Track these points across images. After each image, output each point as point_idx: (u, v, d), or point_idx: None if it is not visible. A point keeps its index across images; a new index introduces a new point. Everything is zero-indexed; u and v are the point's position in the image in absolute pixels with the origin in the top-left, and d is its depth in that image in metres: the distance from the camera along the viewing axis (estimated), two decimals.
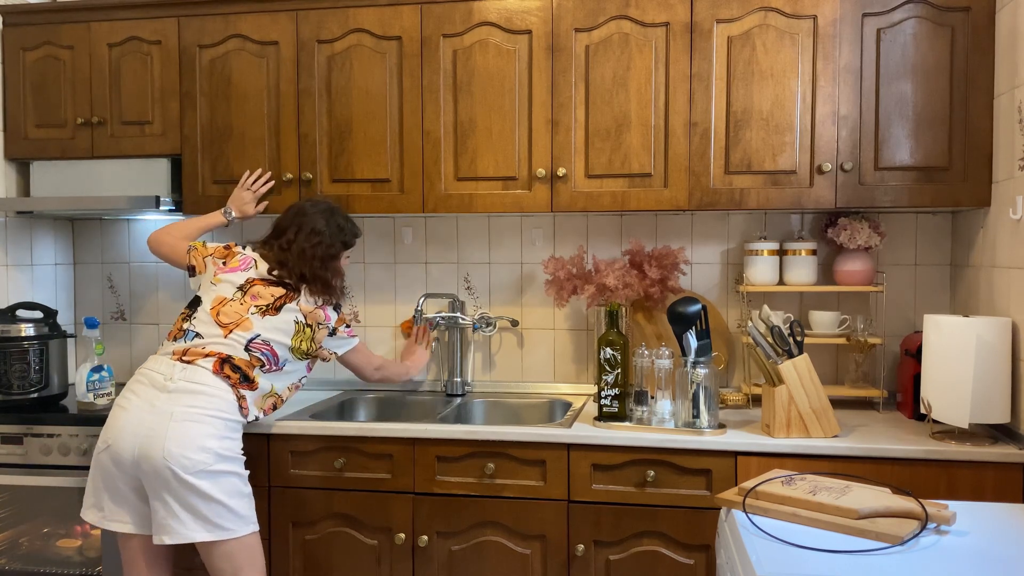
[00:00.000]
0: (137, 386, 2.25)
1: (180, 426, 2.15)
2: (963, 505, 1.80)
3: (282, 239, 2.43)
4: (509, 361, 3.01)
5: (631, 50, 2.52)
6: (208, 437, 2.16)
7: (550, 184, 2.58)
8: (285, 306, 2.36)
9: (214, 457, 2.15)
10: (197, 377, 2.22)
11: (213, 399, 2.21)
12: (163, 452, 2.11)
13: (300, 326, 2.37)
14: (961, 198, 2.40)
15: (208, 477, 2.13)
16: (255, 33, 2.73)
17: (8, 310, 2.80)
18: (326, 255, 2.43)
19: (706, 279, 2.88)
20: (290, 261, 2.39)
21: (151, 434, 2.14)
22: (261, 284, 2.38)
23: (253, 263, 2.43)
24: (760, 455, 2.23)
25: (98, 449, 2.23)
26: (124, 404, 2.23)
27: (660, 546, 2.30)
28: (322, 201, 2.54)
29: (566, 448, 2.34)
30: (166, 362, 2.27)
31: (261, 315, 2.33)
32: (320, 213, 2.47)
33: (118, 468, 2.18)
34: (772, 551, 1.53)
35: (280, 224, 2.48)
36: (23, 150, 2.91)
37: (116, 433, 2.18)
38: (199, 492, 2.12)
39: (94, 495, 2.25)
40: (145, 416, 2.17)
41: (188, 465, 2.11)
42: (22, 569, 2.69)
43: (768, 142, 2.46)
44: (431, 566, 2.42)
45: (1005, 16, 2.29)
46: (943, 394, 2.21)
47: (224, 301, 2.35)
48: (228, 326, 2.31)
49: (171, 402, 2.18)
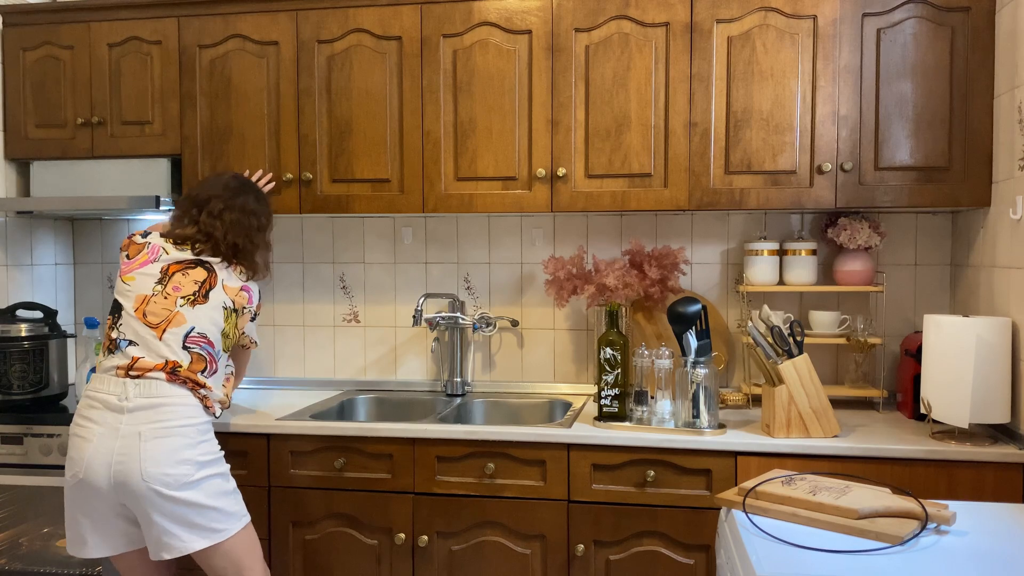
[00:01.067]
0: (91, 412, 2.12)
1: (151, 444, 2.06)
2: (963, 505, 1.80)
3: (209, 207, 2.29)
4: (509, 361, 3.01)
5: (631, 50, 2.52)
6: (183, 449, 2.09)
7: (550, 184, 2.58)
8: (211, 291, 2.23)
9: (194, 467, 2.09)
10: (152, 390, 2.12)
11: (177, 408, 2.12)
12: (141, 474, 2.04)
13: (228, 312, 2.25)
14: (961, 198, 2.40)
15: (192, 487, 2.08)
16: (255, 33, 2.73)
17: (8, 310, 2.80)
18: (260, 225, 2.35)
19: (706, 279, 2.88)
20: (219, 231, 2.26)
21: (124, 459, 2.05)
22: (179, 271, 2.23)
23: (161, 250, 2.27)
24: (760, 455, 2.23)
25: (68, 483, 2.13)
26: (83, 434, 2.11)
27: (660, 546, 2.30)
28: (239, 175, 2.49)
29: (566, 448, 2.34)
30: (114, 381, 2.13)
31: (191, 305, 2.19)
32: (248, 188, 2.39)
33: (97, 497, 2.09)
34: (772, 551, 1.53)
35: (199, 195, 2.33)
36: (23, 150, 2.91)
37: (85, 465, 2.08)
38: (187, 503, 2.07)
39: (73, 529, 2.16)
40: (111, 443, 2.07)
41: (170, 482, 2.05)
42: (22, 569, 2.69)
43: (768, 142, 2.46)
44: (431, 566, 2.42)
45: (1005, 16, 2.29)
46: (943, 394, 2.21)
47: (146, 299, 2.19)
48: (159, 325, 2.16)
49: (134, 422, 2.08)
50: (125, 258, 2.29)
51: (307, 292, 3.12)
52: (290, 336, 3.13)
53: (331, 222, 3.09)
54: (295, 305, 3.13)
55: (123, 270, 2.26)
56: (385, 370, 3.04)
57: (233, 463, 2.49)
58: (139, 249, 2.28)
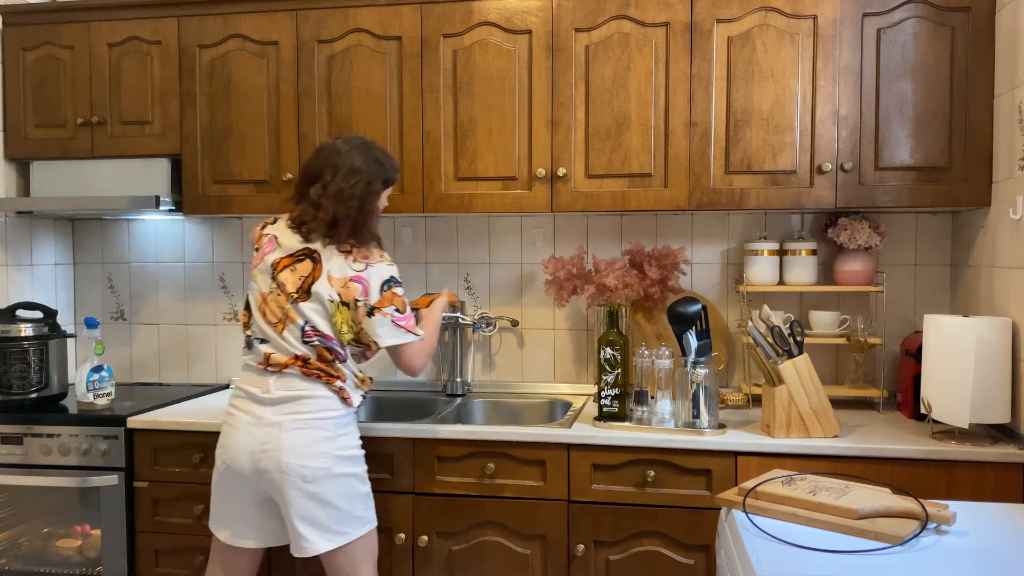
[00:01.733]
0: (238, 401, 2.18)
1: (291, 435, 2.09)
2: (963, 505, 1.80)
3: (316, 184, 2.16)
4: (509, 361, 3.01)
5: (631, 50, 2.52)
6: (321, 441, 2.11)
7: (550, 184, 2.58)
8: (313, 285, 2.13)
9: (332, 460, 2.11)
10: (291, 384, 2.14)
11: (315, 400, 2.14)
12: (280, 464, 2.07)
13: (335, 305, 2.14)
14: (961, 198, 2.40)
15: (328, 482, 2.10)
16: (255, 33, 2.73)
17: (8, 310, 2.80)
18: (366, 193, 2.15)
19: (706, 279, 2.88)
20: (323, 205, 2.13)
21: (265, 448, 2.09)
22: (287, 266, 2.16)
23: (274, 242, 2.21)
24: (760, 455, 2.23)
25: (217, 470, 2.18)
26: (231, 421, 2.17)
27: (660, 546, 2.30)
28: (354, 136, 2.27)
29: (566, 448, 2.34)
30: (255, 375, 2.17)
31: (297, 303, 2.13)
32: (356, 148, 2.19)
33: (243, 486, 2.14)
34: (772, 551, 1.53)
35: (310, 169, 2.20)
36: (23, 150, 2.91)
37: (231, 452, 2.13)
38: (321, 500, 2.09)
39: (221, 514, 2.21)
40: (255, 430, 2.11)
41: (307, 474, 2.08)
42: (22, 569, 2.69)
43: (768, 142, 2.46)
44: (431, 566, 2.42)
45: (1005, 16, 2.29)
46: (943, 394, 2.20)
47: (264, 297, 2.18)
48: (278, 324, 2.15)
49: (277, 412, 2.12)
50: (255, 251, 2.26)
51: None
52: None
53: None
54: None
55: (253, 264, 2.25)
56: (385, 370, 3.04)
57: None
58: (260, 239, 2.26)
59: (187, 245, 3.20)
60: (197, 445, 2.53)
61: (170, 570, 2.57)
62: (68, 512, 2.70)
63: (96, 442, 2.57)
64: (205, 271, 3.19)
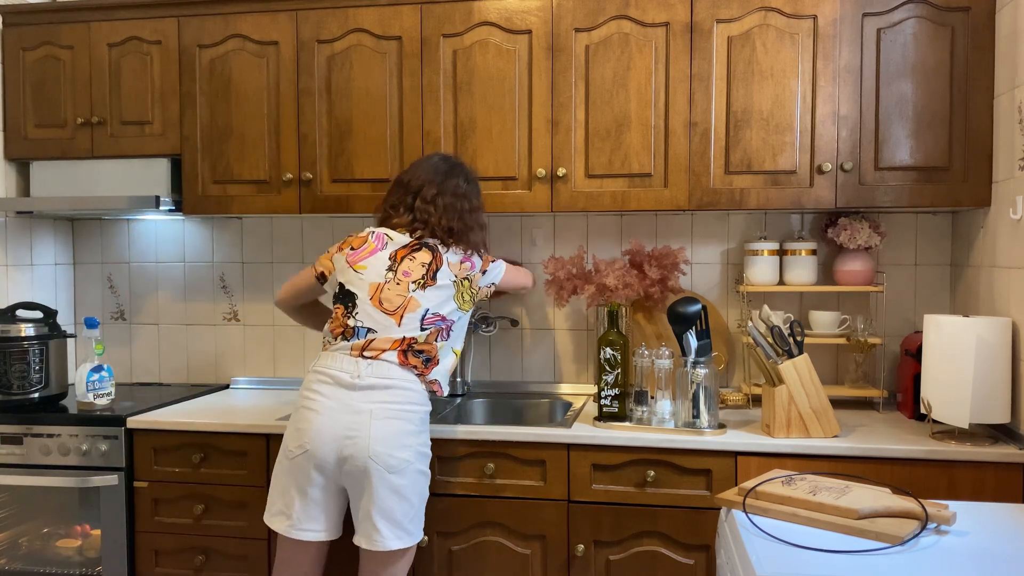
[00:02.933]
0: (322, 386, 2.15)
1: (381, 424, 2.09)
2: (963, 505, 1.80)
3: (422, 193, 2.27)
4: (509, 361, 3.01)
5: (631, 50, 2.52)
6: (409, 434, 2.13)
7: (550, 184, 2.58)
8: (438, 272, 2.23)
9: (415, 454, 2.13)
10: (385, 372, 2.15)
11: (406, 392, 2.15)
12: (369, 452, 2.07)
13: (457, 284, 2.26)
14: (961, 198, 2.40)
15: (409, 475, 2.11)
16: (255, 33, 2.73)
17: (8, 310, 2.80)
18: (472, 207, 2.32)
19: (706, 279, 2.88)
20: (434, 216, 2.25)
21: (354, 434, 2.08)
22: (406, 255, 2.24)
23: (386, 238, 2.28)
24: (760, 455, 2.23)
25: (292, 454, 2.13)
26: (313, 406, 2.13)
27: (660, 546, 2.30)
28: (449, 156, 2.42)
29: (566, 448, 2.34)
30: (348, 359, 2.16)
31: (422, 289, 2.21)
32: (457, 168, 2.35)
33: (319, 472, 2.11)
34: (772, 551, 1.53)
35: (411, 181, 2.31)
36: (23, 150, 2.91)
37: (314, 436, 2.10)
38: (399, 493, 2.09)
39: (283, 501, 2.15)
40: (342, 416, 2.10)
41: (393, 464, 2.08)
42: (22, 569, 2.69)
43: (768, 142, 2.46)
44: (431, 566, 2.42)
45: (1005, 16, 2.29)
46: (943, 394, 2.21)
47: (379, 287, 2.21)
48: (397, 312, 2.19)
49: (366, 399, 2.11)
50: (350, 250, 2.29)
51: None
52: (290, 336, 3.13)
53: (331, 222, 3.09)
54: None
55: (352, 260, 2.27)
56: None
57: (232, 463, 2.51)
58: (363, 240, 2.29)
59: (187, 245, 3.20)
60: (197, 445, 2.53)
61: (170, 570, 2.57)
62: (68, 512, 2.70)
63: (96, 442, 2.57)
64: (205, 271, 3.19)
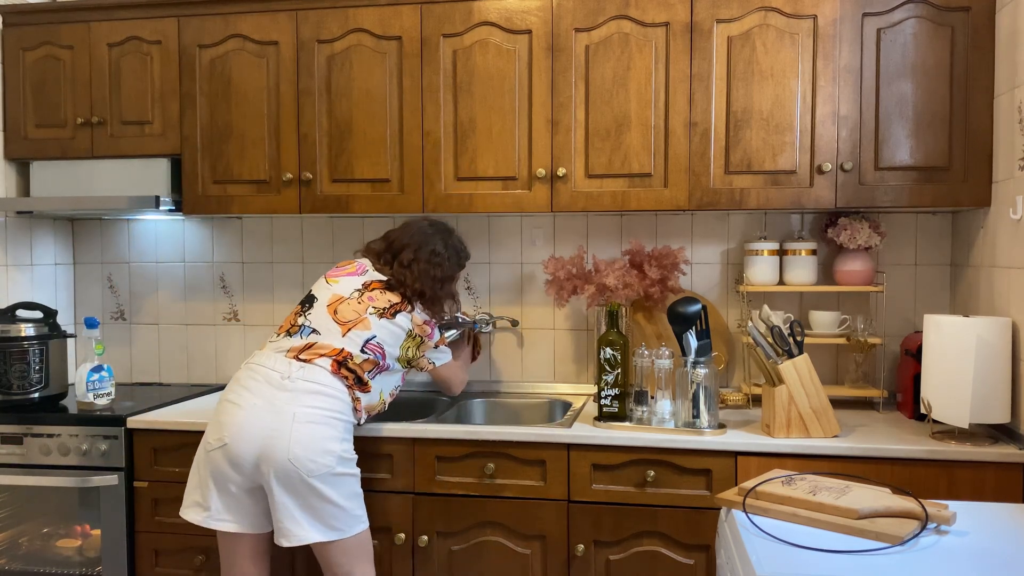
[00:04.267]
0: (251, 383, 2.19)
1: (303, 428, 2.11)
2: (963, 505, 1.80)
3: (400, 256, 2.42)
4: (509, 361, 3.01)
5: (631, 50, 2.52)
6: (331, 440, 2.14)
7: (550, 184, 2.58)
8: (400, 313, 2.35)
9: (336, 460, 2.13)
10: (315, 376, 2.18)
11: (332, 400, 2.18)
12: (288, 454, 2.08)
13: (411, 335, 2.38)
14: (961, 198, 2.40)
15: (330, 480, 2.12)
16: (255, 33, 2.73)
17: (8, 310, 2.80)
18: (445, 276, 2.45)
19: (706, 279, 2.88)
20: (408, 279, 2.38)
21: (274, 435, 2.10)
22: (379, 288, 2.37)
23: (367, 268, 2.43)
24: (760, 455, 2.23)
25: (210, 446, 2.16)
26: (238, 401, 2.17)
27: (660, 546, 2.30)
28: (438, 221, 2.56)
29: (566, 448, 2.34)
30: (281, 359, 2.21)
31: (379, 317, 2.31)
32: (439, 234, 2.49)
33: (234, 468, 2.13)
34: (772, 551, 1.53)
35: (396, 241, 2.47)
36: (23, 150, 2.91)
37: (235, 432, 2.12)
38: (320, 495, 2.11)
39: (199, 493, 2.19)
40: (265, 416, 2.12)
41: (313, 468, 2.09)
42: (22, 569, 2.69)
43: (768, 142, 2.46)
44: (431, 566, 2.42)
45: (1005, 16, 2.29)
46: (943, 394, 2.20)
47: (341, 299, 2.32)
48: (347, 324, 2.28)
49: (292, 402, 2.14)
50: (334, 267, 2.47)
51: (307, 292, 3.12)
52: None
53: (331, 222, 3.09)
54: (295, 305, 3.12)
55: (329, 274, 2.44)
56: None
57: None
58: (348, 263, 2.47)
59: (187, 245, 3.20)
60: (197, 445, 2.52)
61: (170, 570, 2.57)
62: (68, 512, 2.70)
63: (96, 442, 2.57)
64: (205, 271, 3.19)
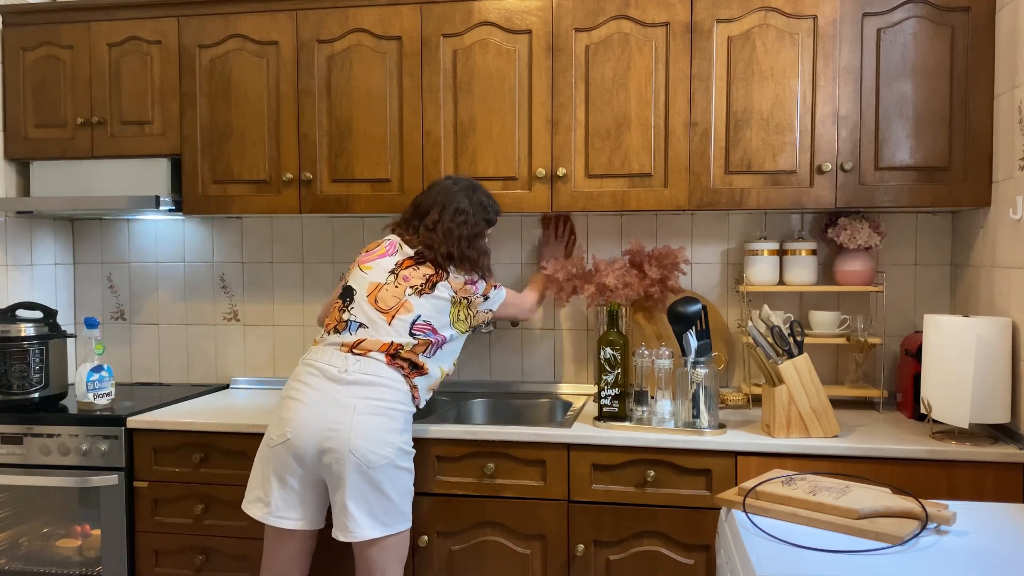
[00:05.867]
0: (309, 378, 2.21)
1: (364, 419, 2.13)
2: (963, 505, 1.80)
3: (426, 219, 2.37)
4: (509, 361, 3.01)
5: (631, 50, 2.52)
6: (392, 431, 2.17)
7: (550, 184, 2.58)
8: (438, 284, 2.31)
9: (396, 452, 2.16)
10: (372, 369, 2.20)
11: (391, 390, 2.20)
12: (350, 446, 2.10)
13: (455, 301, 2.33)
14: (961, 198, 2.40)
15: (390, 473, 2.14)
16: (255, 33, 2.73)
17: (8, 310, 2.80)
18: (472, 234, 2.38)
19: (706, 279, 2.88)
20: (435, 242, 2.34)
21: (336, 427, 2.12)
22: (411, 265, 2.33)
23: (398, 246, 2.38)
24: (760, 455, 2.23)
25: (273, 442, 2.18)
26: (299, 397, 2.19)
27: (660, 546, 2.30)
28: (463, 178, 2.48)
29: (566, 448, 2.34)
30: (337, 354, 2.23)
31: (418, 295, 2.29)
32: (463, 191, 2.41)
33: (297, 462, 2.15)
34: (772, 551, 1.53)
35: (421, 204, 2.42)
36: (23, 150, 2.91)
37: (297, 426, 2.14)
38: (378, 488, 2.13)
39: (262, 489, 2.20)
40: (327, 409, 2.14)
41: (373, 460, 2.11)
42: (22, 569, 2.69)
43: (768, 142, 2.46)
44: (431, 566, 2.42)
45: (1005, 16, 2.29)
46: (943, 394, 2.20)
47: (378, 286, 2.31)
48: (389, 311, 2.27)
49: (352, 394, 2.16)
50: (364, 252, 2.42)
51: (307, 292, 3.12)
52: (290, 336, 3.13)
53: (331, 222, 3.09)
54: (295, 305, 3.13)
55: (362, 260, 2.39)
56: None
57: (232, 463, 2.51)
58: (376, 244, 2.42)
59: (187, 245, 3.20)
60: (197, 445, 2.53)
61: (170, 570, 2.57)
62: (68, 512, 2.70)
63: (96, 442, 2.57)
64: (205, 271, 3.19)
